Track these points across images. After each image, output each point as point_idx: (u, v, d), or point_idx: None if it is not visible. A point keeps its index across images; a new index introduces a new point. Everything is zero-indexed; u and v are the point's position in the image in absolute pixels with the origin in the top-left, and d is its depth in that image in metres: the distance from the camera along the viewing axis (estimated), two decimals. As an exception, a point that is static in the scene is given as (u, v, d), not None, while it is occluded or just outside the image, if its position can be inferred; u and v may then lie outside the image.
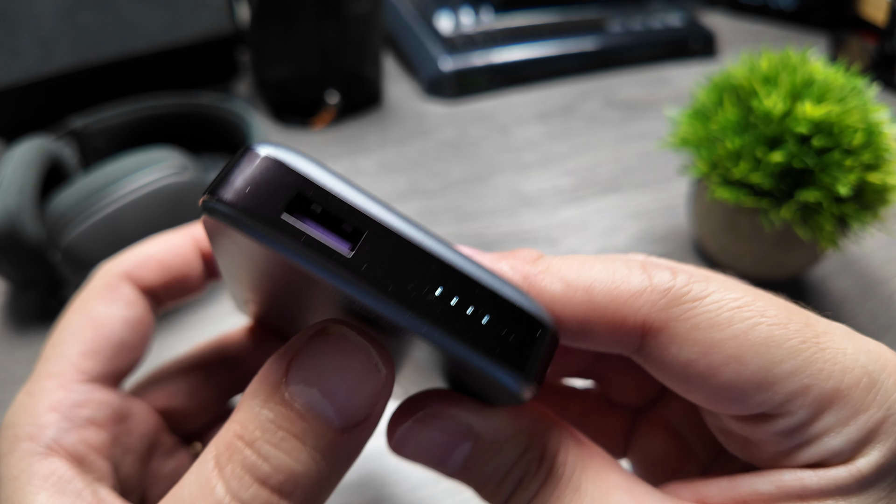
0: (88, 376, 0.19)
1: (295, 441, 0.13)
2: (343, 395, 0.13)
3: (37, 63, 0.50)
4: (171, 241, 0.22)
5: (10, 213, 0.36)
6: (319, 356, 0.13)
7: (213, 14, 0.56)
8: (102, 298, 0.20)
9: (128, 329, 0.20)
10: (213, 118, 0.51)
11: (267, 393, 0.13)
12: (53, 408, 0.18)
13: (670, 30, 0.79)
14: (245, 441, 0.13)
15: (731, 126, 0.39)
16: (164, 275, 0.21)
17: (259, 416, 0.13)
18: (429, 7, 0.75)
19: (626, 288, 0.15)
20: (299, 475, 0.13)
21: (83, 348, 0.19)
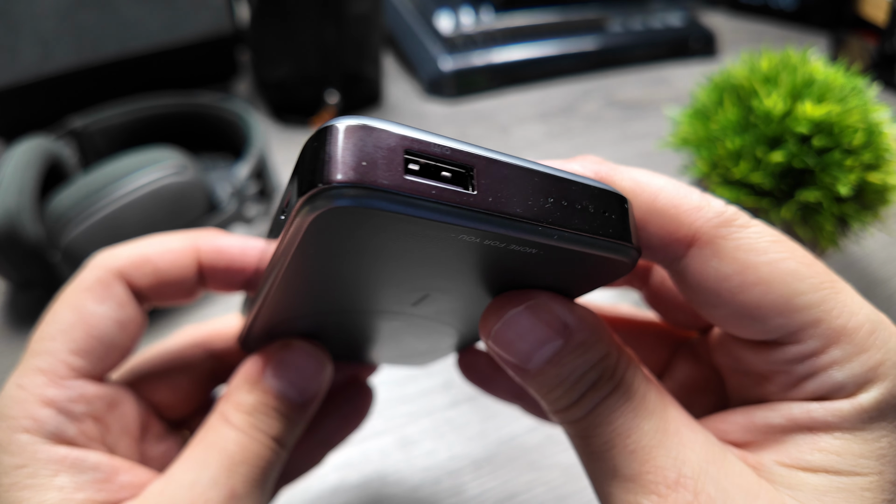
0: (79, 373, 0.19)
1: (276, 412, 0.20)
2: (301, 383, 0.20)
3: (37, 63, 0.50)
4: (170, 244, 0.22)
5: (9, 214, 0.36)
6: (288, 360, 0.21)
7: (213, 14, 0.56)
8: (94, 295, 0.20)
9: (118, 330, 0.20)
10: (212, 118, 0.51)
11: (251, 384, 0.20)
12: (48, 403, 0.18)
13: (670, 29, 0.79)
14: (245, 411, 0.20)
15: (731, 126, 0.39)
16: (158, 279, 0.21)
17: (248, 399, 0.20)
18: (429, 7, 0.75)
19: (687, 201, 0.16)
20: (281, 431, 0.20)
21: (73, 346, 0.19)
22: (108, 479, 0.18)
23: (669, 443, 0.16)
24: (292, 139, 0.60)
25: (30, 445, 0.18)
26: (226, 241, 0.22)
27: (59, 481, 0.17)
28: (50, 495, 0.17)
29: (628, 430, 0.16)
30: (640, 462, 0.15)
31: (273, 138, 0.60)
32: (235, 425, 0.19)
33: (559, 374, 0.17)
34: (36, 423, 0.18)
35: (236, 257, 0.22)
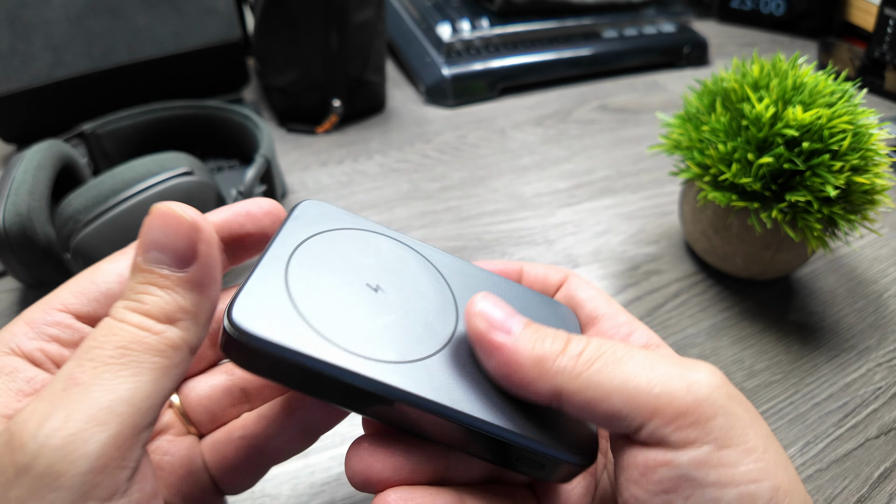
0: (68, 309, 0.21)
1: (152, 287, 0.19)
2: (171, 246, 0.19)
3: (48, 68, 0.51)
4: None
5: (21, 215, 0.37)
6: (150, 228, 0.19)
7: (222, 22, 0.57)
8: (111, 258, 0.22)
9: (117, 282, 0.21)
10: (221, 122, 0.52)
11: (133, 269, 0.19)
12: (28, 322, 0.20)
13: (663, 37, 0.81)
14: (124, 297, 0.19)
15: (722, 130, 0.40)
16: None
17: (131, 283, 0.19)
18: (430, 15, 0.76)
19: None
20: (162, 304, 0.19)
21: (73, 289, 0.21)
22: (33, 392, 0.19)
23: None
24: (298, 145, 0.61)
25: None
26: (243, 204, 0.24)
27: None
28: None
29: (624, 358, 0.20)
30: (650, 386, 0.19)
31: (279, 144, 0.61)
32: (112, 313, 0.19)
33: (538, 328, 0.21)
34: (8, 336, 0.20)
35: (236, 227, 0.24)
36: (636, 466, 0.20)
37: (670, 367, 0.20)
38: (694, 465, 0.18)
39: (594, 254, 0.50)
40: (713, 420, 0.19)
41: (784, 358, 0.42)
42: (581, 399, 0.20)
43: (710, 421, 0.19)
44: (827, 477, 0.35)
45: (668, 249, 0.51)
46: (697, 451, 0.18)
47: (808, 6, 0.87)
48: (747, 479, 0.18)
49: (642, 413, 0.19)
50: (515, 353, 0.20)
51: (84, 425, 0.16)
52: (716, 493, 0.18)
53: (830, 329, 0.44)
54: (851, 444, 0.36)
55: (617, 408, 0.19)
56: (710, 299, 0.46)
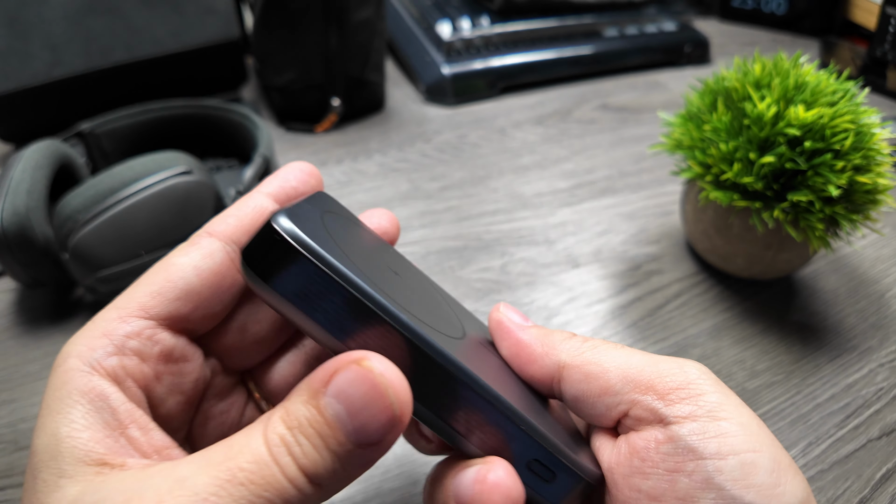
0: (148, 314, 0.20)
1: (320, 441, 0.16)
2: (361, 420, 0.16)
3: (46, 68, 0.51)
4: (245, 199, 0.23)
5: (19, 214, 0.37)
6: (351, 382, 0.16)
7: (221, 21, 0.57)
8: (181, 251, 0.21)
9: (196, 276, 0.20)
10: (220, 121, 0.52)
11: (310, 395, 0.17)
12: (106, 334, 0.19)
13: (665, 36, 0.80)
14: (287, 424, 0.16)
15: (723, 129, 0.40)
16: (245, 227, 0.22)
17: (300, 410, 0.17)
18: (430, 14, 0.76)
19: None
20: (319, 467, 0.16)
21: (150, 289, 0.20)
22: (118, 428, 0.18)
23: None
24: (297, 144, 0.61)
25: (72, 370, 0.18)
26: (286, 171, 0.24)
27: (73, 413, 0.17)
28: (62, 428, 0.17)
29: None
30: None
31: (278, 143, 0.61)
32: (267, 436, 0.16)
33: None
34: (87, 350, 0.18)
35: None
36: (636, 454, 0.20)
37: (662, 357, 0.21)
38: (694, 436, 0.19)
39: (595, 254, 0.50)
40: (705, 395, 0.20)
41: (786, 358, 0.41)
42: (580, 373, 0.21)
43: (702, 396, 0.20)
44: (829, 478, 0.34)
45: (669, 249, 0.50)
46: (694, 424, 0.19)
47: (810, 5, 0.87)
48: (747, 448, 0.18)
49: (637, 388, 0.20)
50: (527, 334, 0.23)
51: None
52: (718, 464, 0.18)
53: (832, 329, 0.44)
54: (853, 444, 0.36)
55: (612, 382, 0.21)
56: (711, 299, 0.46)
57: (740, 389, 0.39)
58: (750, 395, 0.39)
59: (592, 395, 0.21)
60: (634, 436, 0.20)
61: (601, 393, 0.21)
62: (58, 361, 0.19)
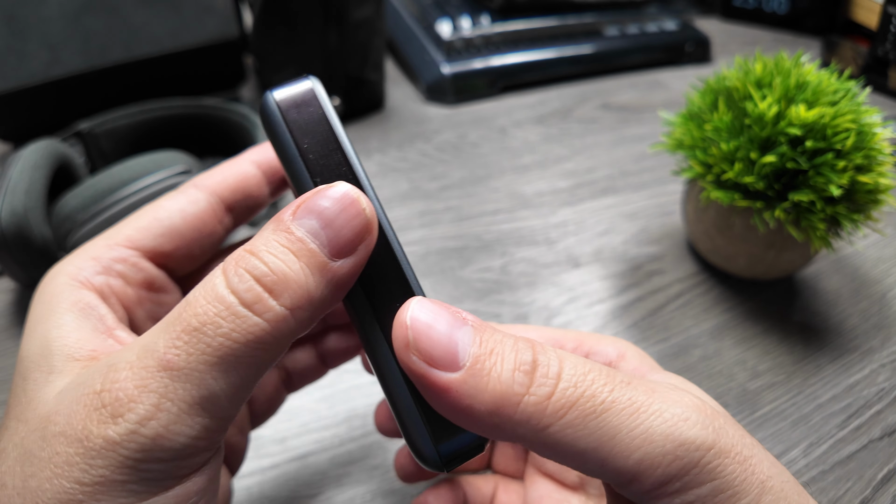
0: (134, 245, 0.22)
1: (291, 255, 0.16)
2: (335, 227, 0.16)
3: (44, 67, 0.51)
4: (232, 161, 0.25)
5: (17, 214, 0.37)
6: (323, 197, 0.17)
7: (220, 20, 0.57)
8: (169, 197, 0.23)
9: (181, 217, 0.22)
10: (218, 121, 0.52)
11: (276, 224, 0.16)
12: (94, 257, 0.21)
13: (666, 35, 0.80)
14: (250, 252, 0.16)
15: (725, 128, 0.40)
16: (229, 184, 0.24)
17: (267, 238, 0.16)
18: (429, 13, 0.76)
19: None
20: (290, 281, 0.16)
21: (137, 224, 0.22)
22: (105, 332, 0.19)
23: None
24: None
25: (62, 285, 0.20)
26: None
27: (64, 319, 0.19)
28: (52, 331, 0.19)
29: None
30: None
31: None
32: (226, 272, 0.16)
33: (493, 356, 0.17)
34: (76, 269, 0.20)
35: None
36: None
37: (657, 419, 0.16)
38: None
39: (595, 254, 0.49)
40: (700, 488, 0.16)
41: (787, 359, 0.41)
42: (548, 454, 0.17)
43: (696, 489, 0.16)
44: (830, 479, 0.34)
45: (670, 249, 0.50)
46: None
47: (812, 4, 0.87)
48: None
49: (619, 478, 0.17)
50: (467, 398, 0.16)
51: (176, 419, 0.15)
52: None
53: (834, 330, 0.44)
54: (855, 445, 0.36)
55: (590, 469, 0.17)
56: (712, 300, 0.46)
57: (741, 390, 0.39)
58: (751, 396, 0.39)
59: (566, 465, 0.17)
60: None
61: (576, 469, 0.17)
62: (46, 279, 0.20)
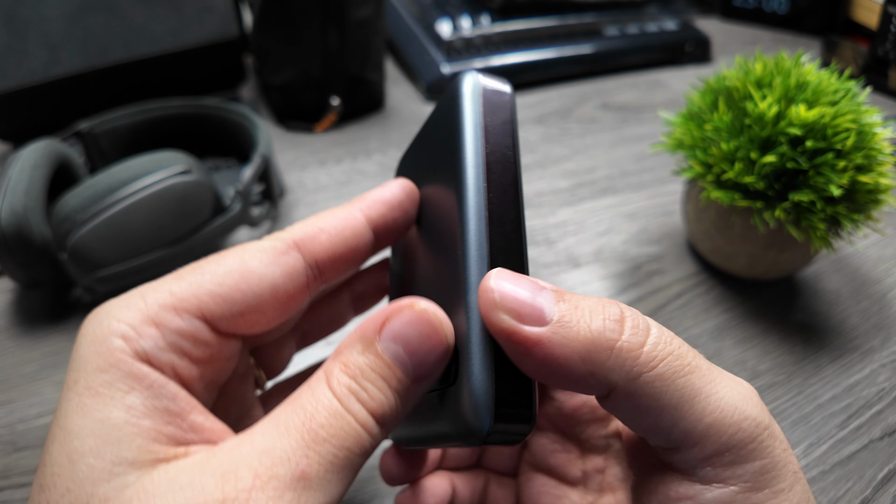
0: (205, 317, 0.19)
1: (383, 382, 0.17)
2: (419, 356, 0.17)
3: (44, 66, 0.51)
4: (342, 214, 0.22)
5: (16, 214, 0.37)
6: (407, 323, 0.17)
7: (220, 19, 0.57)
8: (265, 256, 0.20)
9: (271, 296, 0.19)
10: (218, 120, 0.52)
11: (365, 345, 0.17)
12: (157, 323, 0.18)
13: (666, 34, 0.80)
14: (349, 374, 0.17)
15: (725, 128, 0.40)
16: (333, 248, 0.21)
17: (358, 360, 0.17)
18: (429, 13, 0.76)
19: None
20: (386, 407, 0.17)
21: (218, 290, 0.19)
22: (179, 415, 0.17)
23: None
24: (296, 143, 0.61)
25: (118, 352, 0.17)
26: (384, 191, 0.23)
27: (130, 399, 0.16)
28: (116, 413, 0.16)
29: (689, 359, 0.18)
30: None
31: (277, 143, 0.61)
32: (334, 389, 0.17)
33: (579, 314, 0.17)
34: (135, 334, 0.17)
35: (397, 199, 0.23)
36: (656, 495, 0.19)
37: (729, 391, 0.18)
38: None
39: (596, 253, 0.49)
40: (751, 463, 0.18)
41: (787, 359, 0.41)
42: (629, 405, 0.18)
43: (746, 463, 0.18)
44: (830, 479, 0.34)
45: (670, 249, 0.50)
46: (723, 491, 0.18)
47: (812, 4, 0.87)
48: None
49: (686, 440, 0.18)
50: (559, 348, 0.17)
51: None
52: None
53: (834, 330, 0.44)
54: (855, 445, 0.36)
55: (664, 426, 0.18)
56: (712, 299, 0.46)
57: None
58: (751, 396, 0.39)
59: (633, 424, 0.18)
60: (661, 478, 0.19)
61: (645, 429, 0.18)
62: (94, 333, 0.17)
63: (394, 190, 0.23)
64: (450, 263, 0.19)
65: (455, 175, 0.19)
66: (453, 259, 0.19)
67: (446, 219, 0.20)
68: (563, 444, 0.26)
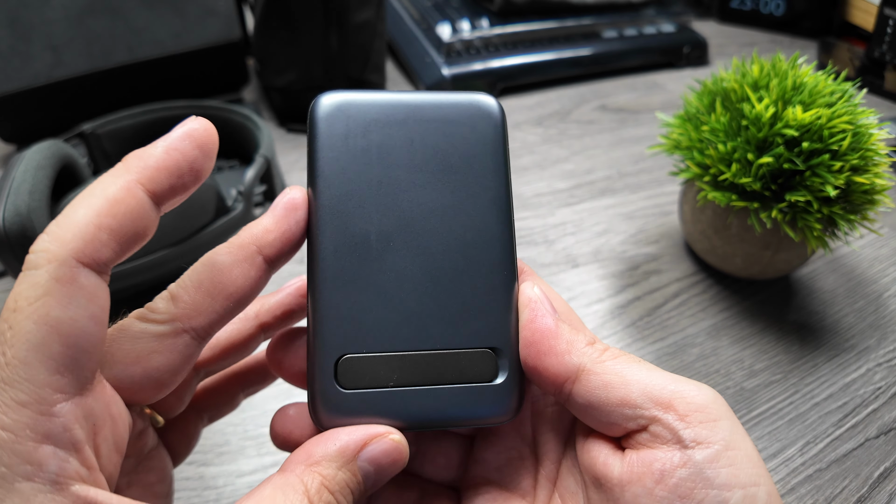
0: (67, 394, 0.16)
1: (351, 496, 0.20)
2: (384, 475, 0.21)
3: (48, 68, 0.51)
4: (113, 194, 0.18)
5: (21, 215, 0.37)
6: (385, 452, 0.21)
7: (222, 22, 0.57)
8: (59, 299, 0.16)
9: (96, 326, 0.17)
10: (221, 122, 0.52)
11: (343, 461, 0.20)
12: (42, 439, 0.16)
13: (663, 37, 0.81)
14: (330, 490, 0.19)
15: (721, 130, 0.40)
16: (121, 240, 0.18)
17: (337, 475, 0.20)
18: (430, 15, 0.76)
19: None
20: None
21: (53, 365, 0.16)
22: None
23: None
24: (298, 145, 0.61)
25: (37, 495, 0.15)
26: (154, 152, 0.19)
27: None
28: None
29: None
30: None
31: (279, 144, 0.61)
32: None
33: None
34: (35, 469, 0.15)
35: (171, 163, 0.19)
36: (650, 474, 0.19)
37: (681, 378, 0.21)
38: (708, 463, 0.19)
39: (594, 254, 0.50)
40: (721, 421, 0.19)
41: (784, 358, 0.42)
42: (600, 381, 0.21)
43: (718, 422, 0.19)
44: (827, 477, 0.35)
45: (667, 249, 0.51)
46: (709, 450, 0.19)
47: (808, 6, 0.87)
48: (750, 482, 0.18)
49: (659, 404, 0.20)
50: (555, 329, 0.22)
51: None
52: (724, 495, 0.18)
53: (830, 329, 0.44)
54: (851, 443, 0.36)
55: (633, 396, 0.20)
56: (709, 299, 0.46)
57: (738, 389, 0.39)
58: (748, 395, 0.39)
59: (609, 405, 0.21)
60: (648, 453, 0.20)
61: (619, 404, 0.21)
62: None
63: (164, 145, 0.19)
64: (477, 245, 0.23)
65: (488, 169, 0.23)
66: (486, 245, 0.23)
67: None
68: (518, 450, 0.25)
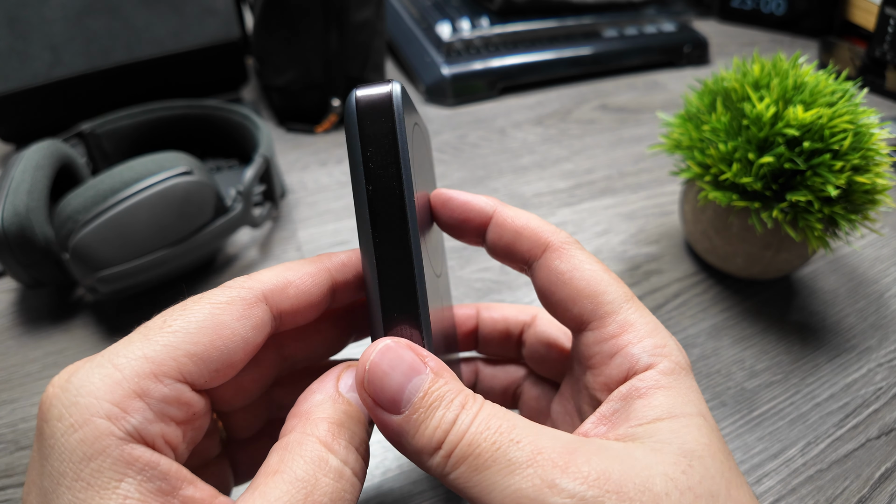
0: (185, 379, 0.18)
1: (364, 418, 0.20)
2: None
3: (47, 68, 0.51)
4: (306, 267, 0.22)
5: (19, 215, 0.37)
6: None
7: (221, 21, 0.57)
8: (235, 309, 0.19)
9: (243, 351, 0.19)
10: (220, 122, 0.52)
11: (331, 401, 0.20)
12: (142, 394, 0.17)
13: (664, 36, 0.80)
14: (337, 424, 0.19)
15: (722, 129, 0.40)
16: (298, 303, 0.21)
17: (336, 409, 0.19)
18: (429, 15, 0.76)
19: (545, 227, 0.23)
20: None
21: (195, 350, 0.18)
22: (172, 492, 0.16)
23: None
24: (297, 144, 0.61)
25: (106, 436, 0.16)
26: (353, 255, 0.23)
27: (123, 488, 0.16)
28: (109, 503, 0.15)
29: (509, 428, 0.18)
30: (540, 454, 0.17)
31: (278, 144, 0.61)
32: (329, 446, 0.18)
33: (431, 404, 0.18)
34: (121, 413, 0.16)
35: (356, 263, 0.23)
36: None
37: (529, 480, 0.17)
38: None
39: (594, 254, 0.50)
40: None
41: (785, 358, 0.41)
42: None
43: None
44: (828, 477, 0.35)
45: (668, 249, 0.50)
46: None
47: (809, 5, 0.87)
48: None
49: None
50: (398, 438, 0.19)
51: None
52: None
53: (831, 329, 0.44)
54: (852, 444, 0.36)
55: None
56: (710, 299, 0.46)
57: (739, 389, 0.39)
58: (749, 395, 0.39)
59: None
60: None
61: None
62: (72, 415, 0.16)
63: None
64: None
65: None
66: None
67: None
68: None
